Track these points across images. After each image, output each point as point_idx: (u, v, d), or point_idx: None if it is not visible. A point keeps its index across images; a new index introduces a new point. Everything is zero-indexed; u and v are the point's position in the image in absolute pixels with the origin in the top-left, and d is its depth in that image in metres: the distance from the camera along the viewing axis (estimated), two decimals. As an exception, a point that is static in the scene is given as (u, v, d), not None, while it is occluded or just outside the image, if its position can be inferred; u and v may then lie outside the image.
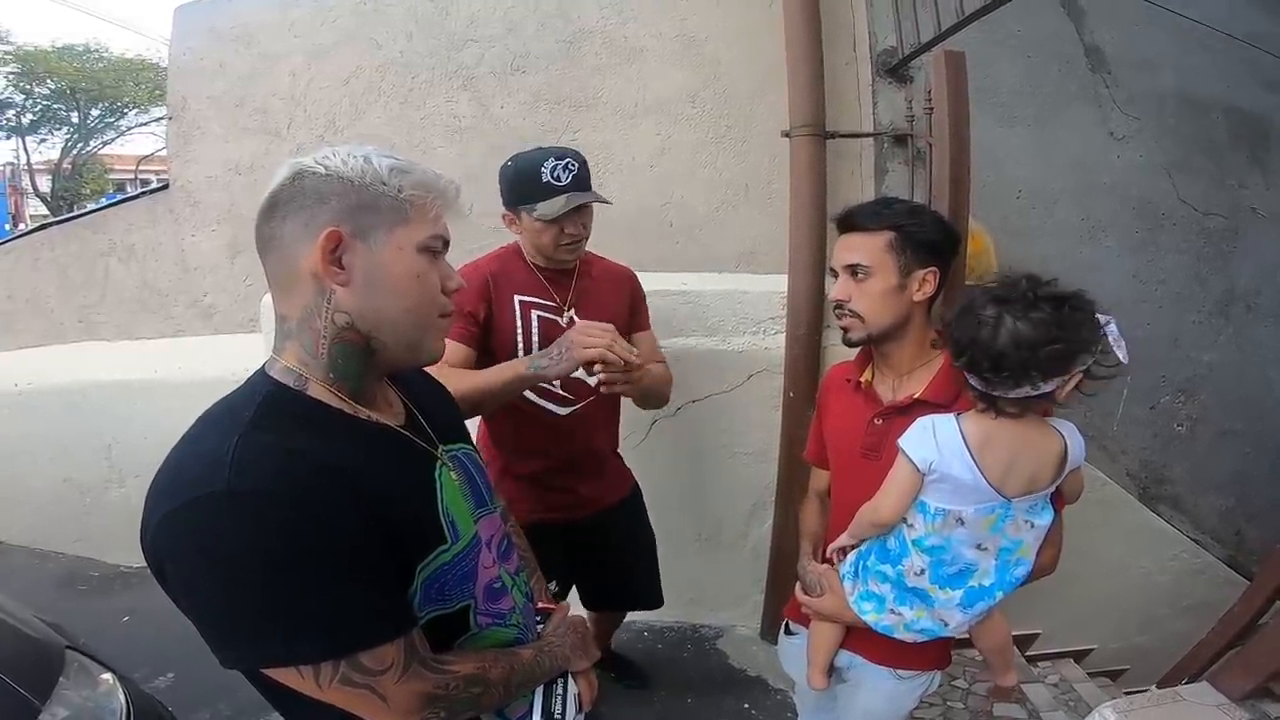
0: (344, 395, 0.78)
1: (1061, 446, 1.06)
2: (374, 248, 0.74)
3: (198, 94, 2.62)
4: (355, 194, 0.73)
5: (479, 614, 0.86)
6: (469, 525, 0.86)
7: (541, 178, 1.43)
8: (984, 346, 0.98)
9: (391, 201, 0.75)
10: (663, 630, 2.56)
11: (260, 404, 0.72)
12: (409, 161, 0.78)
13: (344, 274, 0.74)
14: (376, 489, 0.72)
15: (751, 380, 2.24)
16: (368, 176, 0.74)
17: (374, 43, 2.48)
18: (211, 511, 0.62)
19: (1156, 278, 2.63)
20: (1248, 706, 1.21)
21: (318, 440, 0.71)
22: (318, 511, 0.65)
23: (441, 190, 0.79)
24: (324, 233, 0.71)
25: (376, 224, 0.74)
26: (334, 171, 0.73)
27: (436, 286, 0.80)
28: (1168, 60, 2.64)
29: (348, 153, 0.75)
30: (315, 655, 0.65)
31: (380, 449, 0.78)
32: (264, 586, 0.63)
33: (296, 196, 0.73)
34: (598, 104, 2.39)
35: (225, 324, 2.69)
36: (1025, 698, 2.28)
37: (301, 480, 0.66)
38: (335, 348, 0.76)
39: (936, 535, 1.11)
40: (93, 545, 2.85)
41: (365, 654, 0.67)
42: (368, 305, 0.75)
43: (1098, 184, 2.57)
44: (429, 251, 0.78)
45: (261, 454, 0.66)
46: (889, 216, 1.19)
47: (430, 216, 0.78)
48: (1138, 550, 2.54)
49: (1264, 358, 2.76)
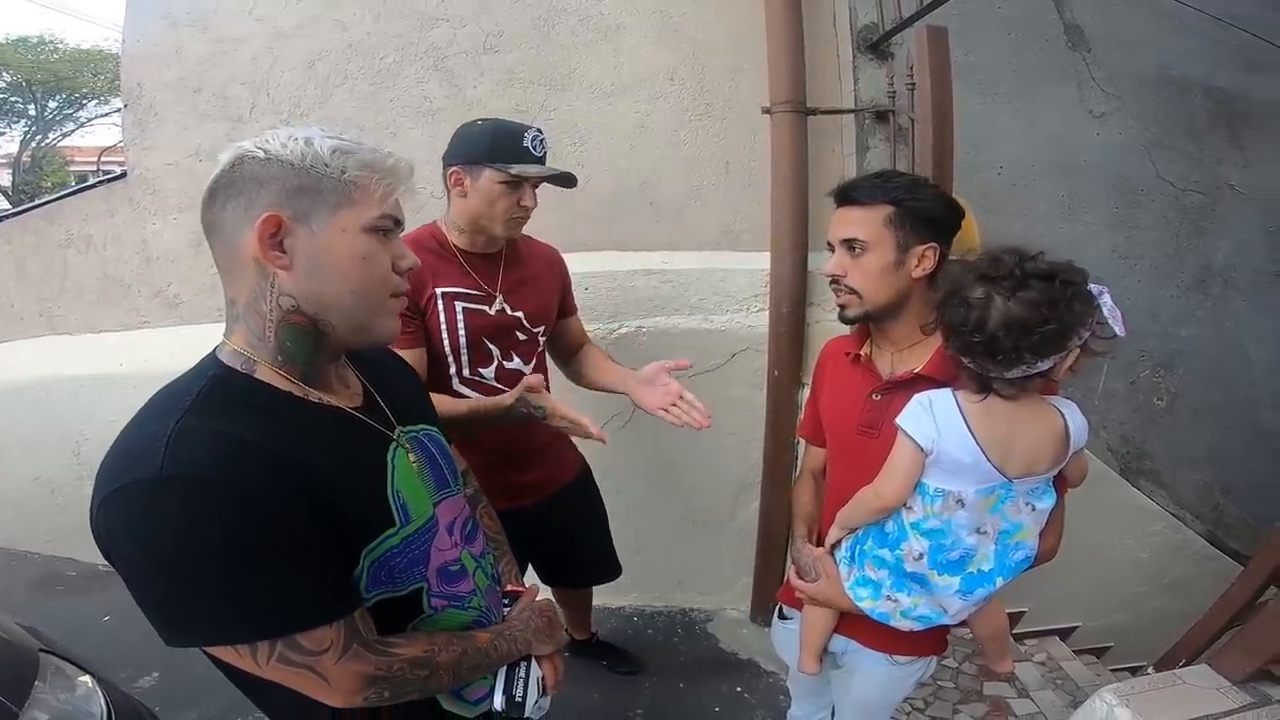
0: (294, 378, 0.78)
1: (1062, 426, 1.04)
2: (316, 230, 0.74)
3: (153, 81, 2.52)
4: (295, 177, 0.72)
5: (433, 596, 0.86)
6: (424, 508, 0.86)
7: (522, 141, 1.39)
8: (975, 331, 0.95)
9: (334, 183, 0.74)
10: (652, 615, 2.55)
11: (204, 388, 0.72)
12: (355, 142, 0.77)
13: (285, 258, 0.73)
14: (318, 472, 0.72)
15: (735, 359, 2.22)
16: (308, 159, 0.73)
17: (339, 24, 2.40)
18: (144, 496, 0.63)
19: (1136, 253, 2.65)
20: (1248, 689, 1.21)
21: (260, 424, 0.71)
22: (252, 496, 0.66)
23: (389, 170, 0.78)
24: (262, 217, 0.71)
25: (318, 206, 0.74)
26: (273, 155, 0.73)
27: (386, 266, 0.79)
28: (1147, 40, 2.64)
29: (289, 135, 0.74)
30: (249, 635, 0.67)
31: (325, 431, 0.78)
32: (195, 570, 0.64)
33: (236, 181, 0.73)
34: (574, 83, 2.33)
35: (191, 314, 2.61)
36: (1015, 676, 2.30)
37: (237, 464, 0.66)
38: (282, 330, 0.76)
39: (936, 518, 1.08)
40: (67, 544, 2.79)
41: (303, 635, 0.69)
42: (312, 288, 0.75)
43: (1078, 161, 2.57)
44: (377, 232, 0.77)
45: (198, 438, 0.66)
46: (888, 190, 1.15)
47: (377, 197, 0.76)
48: (1119, 526, 2.55)
49: (1241, 332, 2.78)
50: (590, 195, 2.31)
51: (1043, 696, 2.21)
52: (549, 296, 1.61)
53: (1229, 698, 1.19)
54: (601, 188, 2.32)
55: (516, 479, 1.62)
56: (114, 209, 2.65)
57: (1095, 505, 2.42)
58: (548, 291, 1.61)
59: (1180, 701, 1.19)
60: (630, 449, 2.12)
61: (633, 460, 1.92)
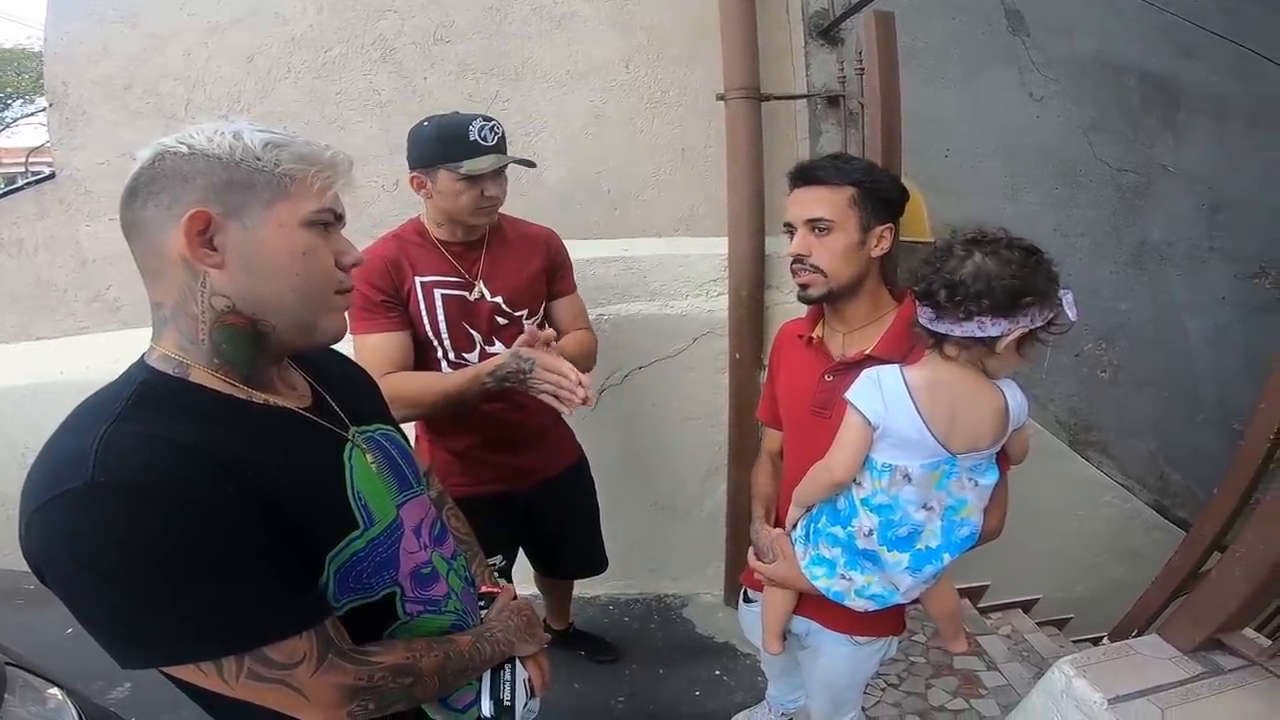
0: (234, 380, 0.74)
1: (1003, 403, 1.07)
2: (250, 226, 0.70)
3: (80, 78, 2.41)
4: (225, 171, 0.69)
5: (407, 601, 0.82)
6: (387, 510, 0.82)
7: (468, 136, 1.39)
8: (947, 275, 0.98)
9: (268, 177, 0.70)
10: (628, 603, 2.56)
11: (133, 394, 0.67)
12: (288, 135, 0.73)
13: (217, 255, 0.69)
14: (266, 476, 0.68)
15: (697, 343, 2.24)
16: (238, 153, 0.69)
17: (279, 18, 2.32)
18: (74, 508, 0.58)
19: (1076, 231, 2.75)
20: (1199, 659, 1.24)
21: (196, 427, 0.67)
22: (195, 502, 0.61)
23: (327, 162, 0.74)
24: (188, 214, 0.67)
25: (251, 201, 0.70)
26: (198, 150, 0.69)
27: (328, 262, 0.76)
28: (1083, 24, 2.73)
29: (214, 129, 0.70)
30: (212, 651, 0.62)
31: (272, 433, 0.74)
32: (141, 582, 0.59)
33: (158, 179, 0.68)
34: (528, 72, 2.31)
35: (133, 317, 2.50)
36: (983, 650, 2.35)
37: (172, 470, 0.62)
38: (217, 332, 0.72)
39: (884, 493, 1.11)
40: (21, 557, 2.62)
41: (271, 648, 0.64)
42: (249, 287, 0.71)
43: (1020, 143, 2.65)
44: (316, 226, 0.74)
45: (128, 445, 0.62)
46: (850, 172, 1.18)
47: (314, 190, 0.73)
48: (1072, 498, 2.65)
49: (1176, 305, 2.92)
50: (547, 185, 2.30)
51: (1010, 669, 2.25)
52: (532, 278, 1.60)
53: (1181, 668, 1.22)
54: (558, 177, 2.31)
55: (514, 462, 1.64)
56: (45, 211, 2.52)
57: (1049, 477, 2.51)
58: (531, 273, 1.60)
59: (1135, 671, 1.22)
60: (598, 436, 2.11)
61: (601, 447, 1.92)
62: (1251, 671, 1.19)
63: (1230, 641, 1.23)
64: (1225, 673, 1.20)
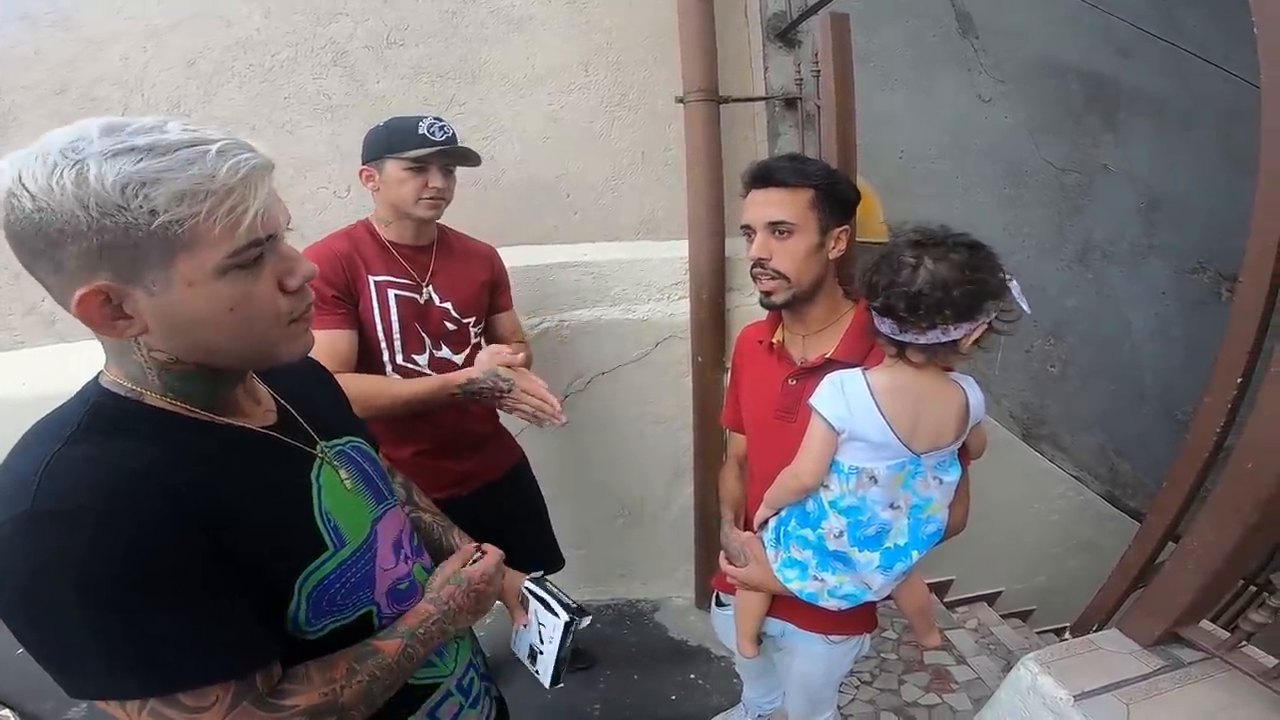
0: (192, 407, 0.69)
1: (963, 400, 1.09)
2: (156, 291, 0.59)
3: (10, 84, 2.29)
4: (92, 235, 0.54)
5: (384, 619, 0.80)
6: (360, 528, 0.78)
7: (417, 129, 1.44)
8: (903, 287, 0.98)
9: (144, 234, 0.55)
10: (599, 609, 2.54)
11: (86, 415, 0.63)
12: (163, 148, 0.55)
13: (135, 321, 0.60)
14: (222, 502, 0.64)
15: (659, 348, 2.24)
16: (91, 206, 0.53)
17: (223, 21, 2.24)
18: (15, 534, 0.55)
19: (1023, 230, 2.82)
20: (1159, 652, 1.24)
21: (151, 452, 0.62)
22: (136, 532, 0.57)
23: (224, 190, 0.57)
24: (76, 297, 0.56)
25: (141, 264, 0.57)
26: (44, 205, 0.53)
27: (268, 299, 0.64)
28: (1029, 26, 2.80)
29: (53, 165, 0.54)
30: (126, 690, 0.59)
31: (235, 457, 0.69)
32: (72, 614, 0.56)
33: (24, 238, 0.56)
34: (484, 76, 2.27)
35: (71, 331, 2.37)
36: (952, 644, 2.39)
37: (121, 496, 0.58)
38: (166, 376, 0.67)
39: (852, 495, 1.12)
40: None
41: (185, 692, 0.60)
42: (185, 343, 0.64)
43: (969, 144, 2.71)
44: (238, 269, 0.61)
45: (75, 470, 0.58)
46: (810, 174, 1.18)
47: (218, 231, 0.58)
48: (1028, 491, 2.71)
49: (1120, 300, 3.01)
50: (506, 189, 2.26)
51: (979, 662, 2.30)
52: (477, 289, 1.65)
53: (1143, 662, 1.22)
54: (517, 181, 2.28)
55: (456, 468, 1.64)
56: (-27, 221, 2.39)
57: (1005, 471, 2.57)
58: (476, 284, 1.65)
59: (1099, 666, 1.22)
60: (562, 443, 2.10)
61: (565, 454, 1.90)
62: (1212, 664, 1.20)
63: (1188, 635, 1.24)
64: (1186, 665, 1.21)
